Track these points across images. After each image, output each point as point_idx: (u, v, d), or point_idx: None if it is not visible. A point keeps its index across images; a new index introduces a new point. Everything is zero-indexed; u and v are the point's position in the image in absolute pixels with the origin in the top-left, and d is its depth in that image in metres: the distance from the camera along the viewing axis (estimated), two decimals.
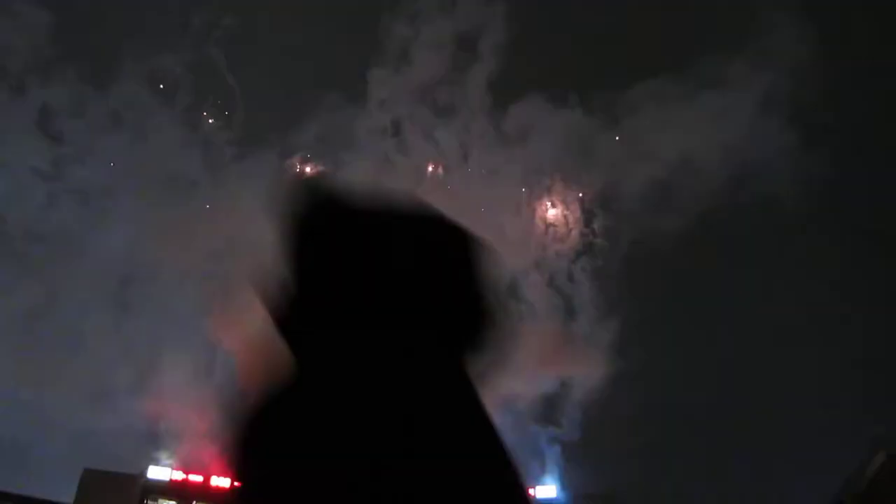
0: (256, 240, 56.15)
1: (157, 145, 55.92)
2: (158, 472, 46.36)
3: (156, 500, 47.02)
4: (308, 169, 60.62)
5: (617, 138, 58.88)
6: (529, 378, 55.29)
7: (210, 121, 58.13)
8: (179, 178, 56.58)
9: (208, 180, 57.44)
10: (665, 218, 55.33)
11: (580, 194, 61.78)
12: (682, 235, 55.14)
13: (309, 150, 60.22)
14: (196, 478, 46.65)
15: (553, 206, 61.95)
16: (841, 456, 44.53)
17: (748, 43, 55.62)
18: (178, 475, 46.41)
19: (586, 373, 54.72)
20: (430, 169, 61.90)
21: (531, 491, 51.72)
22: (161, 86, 55.27)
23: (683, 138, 56.51)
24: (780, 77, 54.44)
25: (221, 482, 47.15)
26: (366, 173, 59.77)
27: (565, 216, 61.53)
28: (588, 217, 61.02)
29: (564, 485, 52.77)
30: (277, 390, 2.19)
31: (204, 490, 46.91)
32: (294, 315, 2.41)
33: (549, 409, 55.45)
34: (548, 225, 61.23)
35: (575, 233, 60.86)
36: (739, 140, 55.60)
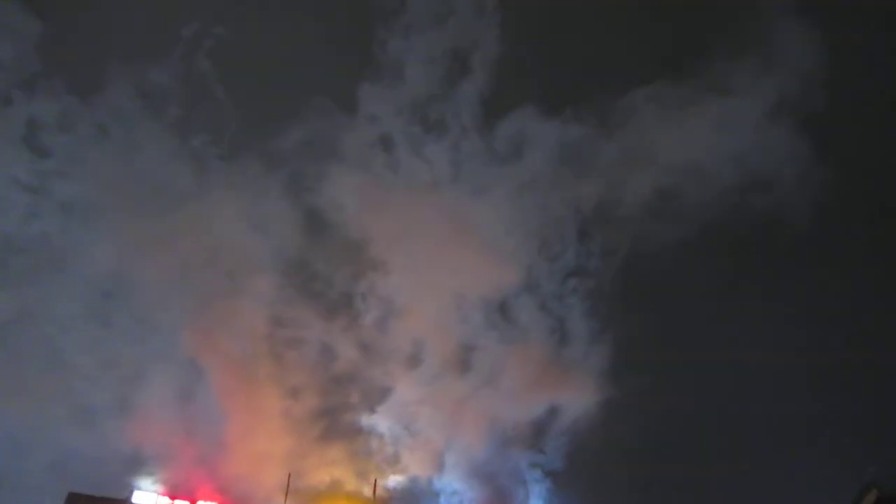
0: (241, 250, 58.00)
1: (143, 158, 57.13)
2: (144, 497, 47.56)
3: None
4: None
5: (614, 150, 60.28)
6: (518, 403, 57.04)
7: (198, 133, 58.90)
8: (165, 191, 57.75)
9: (195, 192, 58.50)
10: (663, 234, 56.96)
11: (576, 209, 62.27)
12: (680, 252, 56.43)
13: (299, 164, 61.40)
14: (182, 503, 47.90)
15: (547, 223, 63.04)
16: (834, 493, 46.02)
17: (754, 49, 57.09)
18: (165, 500, 47.64)
19: (576, 398, 56.20)
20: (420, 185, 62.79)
21: None
22: (149, 98, 56.38)
23: (684, 149, 58.17)
24: (787, 84, 55.98)
25: None
26: (356, 187, 61.27)
27: (560, 233, 62.73)
28: (583, 234, 62.07)
29: None
30: None
31: None
32: None
33: (536, 436, 56.75)
34: (542, 243, 62.37)
35: (569, 251, 61.98)
36: (744, 149, 57.00)
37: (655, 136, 59.99)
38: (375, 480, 52.99)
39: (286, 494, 49.72)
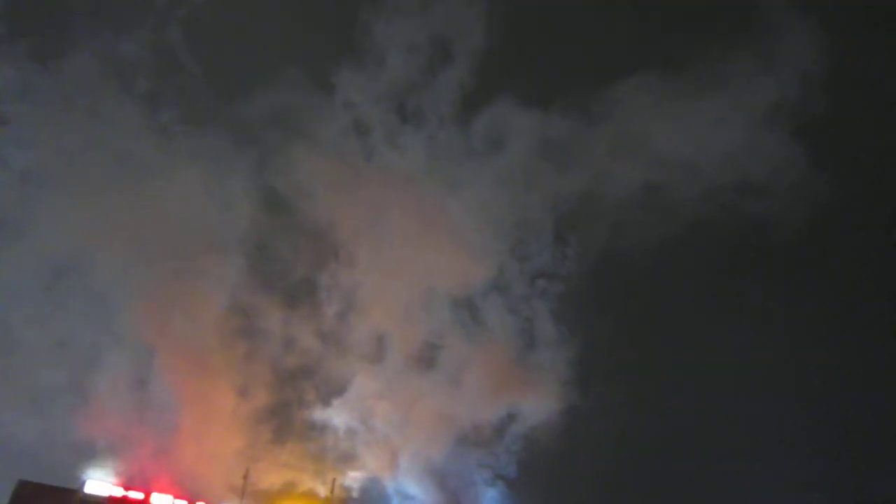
0: (204, 229, 57.36)
1: (106, 129, 56.07)
2: (96, 487, 47.88)
3: None
4: None
5: (598, 145, 60.80)
6: (479, 404, 58.59)
7: (166, 105, 57.70)
8: (128, 165, 56.92)
9: (159, 167, 57.56)
10: (642, 236, 57.81)
11: (553, 208, 62.74)
12: (659, 257, 57.86)
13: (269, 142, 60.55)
14: (136, 494, 48.53)
15: (522, 221, 63.17)
16: None
17: (750, 46, 57.84)
18: (118, 491, 48.08)
19: (538, 404, 57.86)
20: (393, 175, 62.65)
21: None
22: (116, 67, 55.08)
23: (673, 146, 58.87)
24: (784, 85, 56.97)
25: (162, 499, 49.14)
26: (326, 172, 60.93)
27: (535, 232, 62.96)
28: (558, 235, 62.63)
29: None
30: None
31: None
32: None
33: (495, 439, 58.36)
34: (516, 242, 62.74)
35: (544, 252, 62.44)
36: (737, 148, 57.79)
37: (642, 132, 61.05)
38: (334, 480, 54.05)
39: (243, 491, 50.61)
